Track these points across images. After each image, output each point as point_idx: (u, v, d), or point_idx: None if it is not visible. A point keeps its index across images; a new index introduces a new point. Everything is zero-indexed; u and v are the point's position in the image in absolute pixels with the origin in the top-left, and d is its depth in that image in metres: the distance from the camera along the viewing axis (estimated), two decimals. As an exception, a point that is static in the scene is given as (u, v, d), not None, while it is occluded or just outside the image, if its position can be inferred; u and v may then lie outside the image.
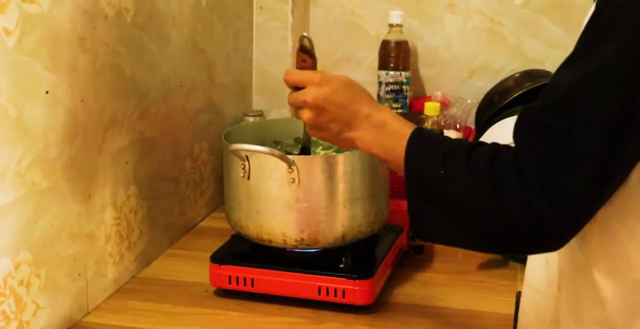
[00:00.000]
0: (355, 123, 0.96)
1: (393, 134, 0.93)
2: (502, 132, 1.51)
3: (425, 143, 0.90)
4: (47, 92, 1.07)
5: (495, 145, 0.85)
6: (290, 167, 1.18)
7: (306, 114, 0.98)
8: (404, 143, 0.90)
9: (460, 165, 0.84)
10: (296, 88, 1.01)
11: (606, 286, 0.84)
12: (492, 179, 0.80)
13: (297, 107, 1.01)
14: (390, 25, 1.74)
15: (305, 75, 0.99)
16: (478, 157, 0.83)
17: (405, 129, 0.92)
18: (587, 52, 0.78)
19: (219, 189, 1.65)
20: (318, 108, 0.97)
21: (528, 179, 0.78)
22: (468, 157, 0.83)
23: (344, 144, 1.00)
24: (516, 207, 0.79)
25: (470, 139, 1.69)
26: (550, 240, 0.82)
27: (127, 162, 1.31)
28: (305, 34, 1.02)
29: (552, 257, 0.95)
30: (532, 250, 0.90)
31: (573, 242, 0.87)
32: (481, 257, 1.40)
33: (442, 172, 0.85)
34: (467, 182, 0.83)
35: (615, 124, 0.75)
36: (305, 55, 1.01)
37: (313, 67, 1.02)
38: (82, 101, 1.16)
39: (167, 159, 1.46)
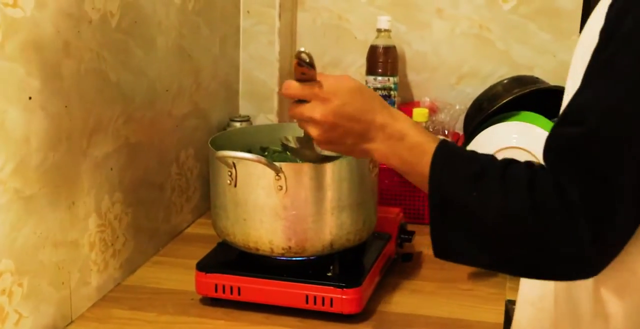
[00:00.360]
0: (371, 134, 0.90)
1: (415, 148, 0.87)
2: (491, 139, 1.51)
3: (452, 161, 0.84)
4: (30, 97, 1.06)
5: (530, 166, 0.81)
6: (277, 174, 1.17)
7: (315, 131, 0.92)
8: (427, 159, 0.84)
9: (495, 190, 0.79)
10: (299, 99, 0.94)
11: (612, 303, 0.82)
12: (534, 209, 0.77)
13: (301, 120, 0.94)
14: (378, 30, 1.73)
15: (308, 89, 0.91)
16: (515, 182, 0.79)
17: (429, 142, 0.86)
18: (610, 70, 0.75)
19: (205, 195, 1.63)
20: (328, 124, 0.90)
21: (574, 210, 0.75)
22: (503, 180, 0.79)
23: (359, 155, 0.94)
24: (561, 238, 0.76)
25: (458, 145, 1.68)
26: (589, 269, 0.80)
27: (112, 169, 1.29)
28: (302, 48, 0.93)
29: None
30: (567, 278, 0.86)
31: None
32: (469, 264, 1.39)
33: (474, 194, 0.80)
34: (505, 209, 0.78)
35: None
36: (305, 68, 0.92)
37: (315, 77, 0.93)
38: (66, 106, 1.14)
39: (153, 165, 1.44)
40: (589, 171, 0.75)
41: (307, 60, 0.92)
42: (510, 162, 0.82)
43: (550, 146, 0.79)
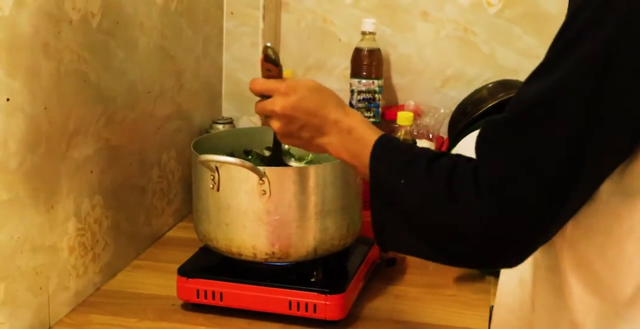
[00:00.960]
0: (325, 129, 0.96)
1: (360, 140, 0.92)
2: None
3: (388, 151, 0.89)
4: (7, 99, 1.03)
5: (458, 156, 0.84)
6: (261, 179, 1.16)
7: (276, 124, 0.98)
8: (369, 150, 0.90)
9: (420, 175, 0.83)
10: (264, 96, 1.00)
11: (579, 308, 0.82)
12: (448, 190, 0.80)
13: (266, 116, 1.00)
14: (363, 33, 1.72)
15: (271, 84, 0.99)
16: (438, 168, 0.82)
17: (372, 135, 0.92)
18: (551, 68, 0.77)
19: (187, 198, 1.61)
20: (287, 117, 0.97)
21: (483, 190, 0.77)
22: (428, 167, 0.83)
23: (316, 150, 1.00)
24: (469, 218, 0.78)
25: (443, 149, 1.67)
26: (505, 253, 0.80)
27: (92, 171, 1.27)
28: (268, 43, 1.01)
29: (526, 276, 0.93)
30: (489, 264, 0.89)
31: (547, 263, 0.84)
32: (454, 270, 1.38)
33: (402, 182, 0.84)
34: (425, 193, 0.82)
35: (577, 138, 0.74)
36: (270, 64, 1.00)
37: (279, 75, 1.00)
38: (45, 108, 1.12)
39: (134, 168, 1.42)
40: (501, 149, 0.77)
41: (273, 57, 0.99)
42: (442, 154, 0.85)
43: (479, 133, 0.81)
